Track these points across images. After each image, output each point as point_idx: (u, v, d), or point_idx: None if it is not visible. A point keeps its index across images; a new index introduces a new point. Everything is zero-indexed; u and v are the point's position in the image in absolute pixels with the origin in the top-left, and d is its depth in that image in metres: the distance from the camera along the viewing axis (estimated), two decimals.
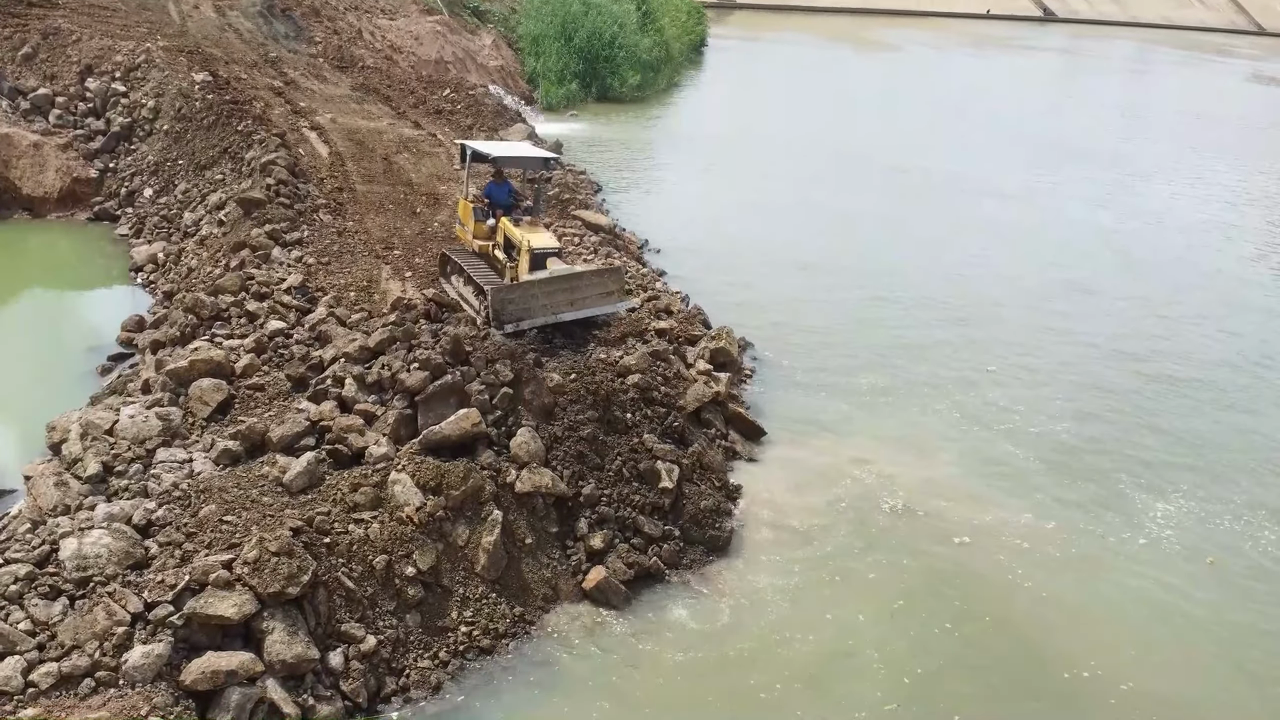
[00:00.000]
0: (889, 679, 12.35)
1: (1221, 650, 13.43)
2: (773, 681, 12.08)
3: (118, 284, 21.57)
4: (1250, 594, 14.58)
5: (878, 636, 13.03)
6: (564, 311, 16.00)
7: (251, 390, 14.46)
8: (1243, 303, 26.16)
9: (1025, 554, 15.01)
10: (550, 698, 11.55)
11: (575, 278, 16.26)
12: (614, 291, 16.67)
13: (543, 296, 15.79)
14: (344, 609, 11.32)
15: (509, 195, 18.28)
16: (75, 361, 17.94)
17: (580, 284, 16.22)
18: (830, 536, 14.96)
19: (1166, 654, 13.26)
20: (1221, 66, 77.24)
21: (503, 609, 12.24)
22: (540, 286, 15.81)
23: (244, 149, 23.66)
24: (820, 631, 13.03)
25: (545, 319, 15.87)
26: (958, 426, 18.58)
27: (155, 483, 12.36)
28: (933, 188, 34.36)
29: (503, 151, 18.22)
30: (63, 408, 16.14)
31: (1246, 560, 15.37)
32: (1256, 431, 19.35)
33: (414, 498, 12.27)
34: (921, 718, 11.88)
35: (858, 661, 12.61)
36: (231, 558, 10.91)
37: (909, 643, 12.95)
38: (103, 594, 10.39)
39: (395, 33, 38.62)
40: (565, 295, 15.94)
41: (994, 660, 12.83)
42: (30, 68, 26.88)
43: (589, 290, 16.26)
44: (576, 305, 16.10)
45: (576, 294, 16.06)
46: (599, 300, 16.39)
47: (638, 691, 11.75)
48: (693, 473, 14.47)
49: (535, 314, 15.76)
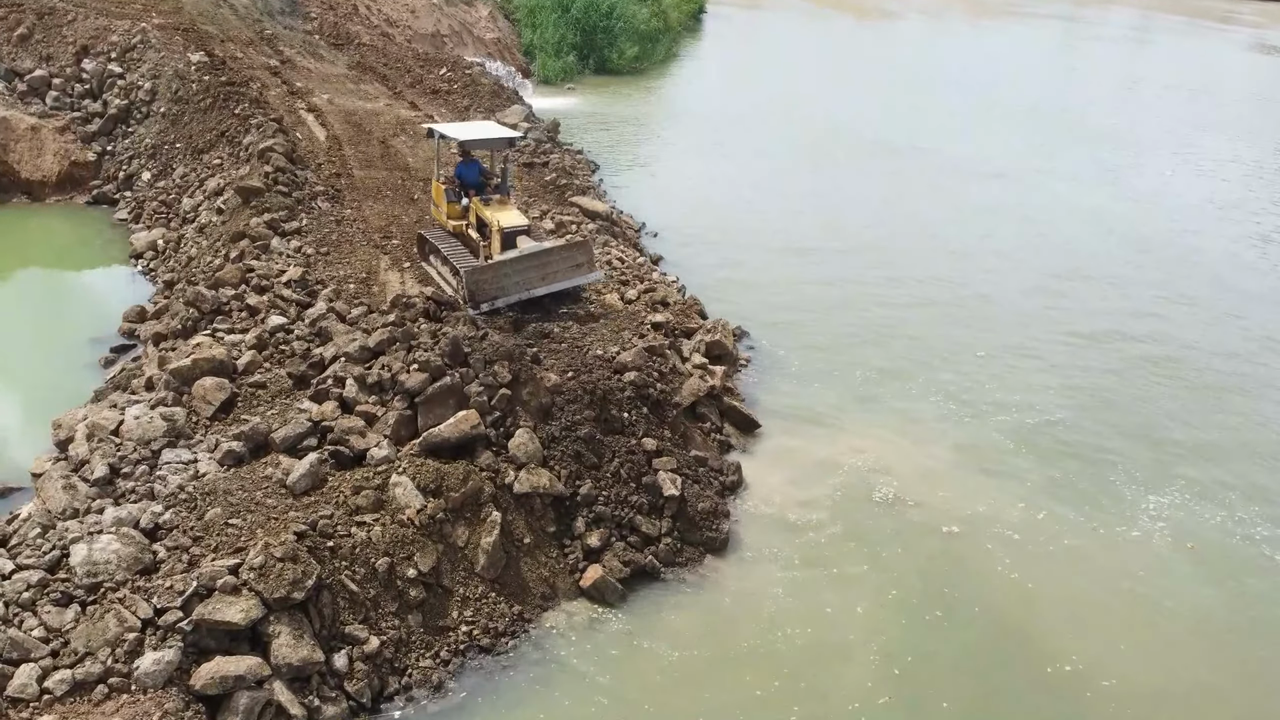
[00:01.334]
0: (881, 671, 12.68)
1: (1207, 643, 13.72)
2: (768, 676, 12.39)
3: (118, 270, 21.73)
4: (1238, 587, 14.82)
5: (872, 629, 13.34)
6: (537, 286, 16.85)
7: (254, 388, 14.69)
8: (1241, 288, 26.20)
9: (1016, 545, 15.27)
10: (549, 694, 11.89)
11: (545, 254, 17.06)
12: (583, 263, 17.46)
13: (515, 274, 16.63)
14: (347, 611, 11.64)
15: (479, 175, 19.01)
16: (78, 352, 18.12)
17: (550, 259, 17.05)
18: (823, 530, 15.24)
19: (1151, 646, 13.54)
20: (1223, 36, 76.65)
21: (502, 608, 12.57)
22: (512, 265, 16.65)
23: (241, 133, 23.69)
24: (815, 625, 13.34)
25: (519, 295, 16.69)
26: (951, 415, 18.79)
27: (161, 484, 12.62)
28: (932, 168, 34.36)
29: (467, 134, 18.97)
30: (67, 400, 16.44)
31: (1237, 554, 15.61)
32: (1254, 423, 19.51)
33: (415, 500, 12.54)
34: (912, 709, 12.25)
35: (852, 655, 12.93)
36: (238, 563, 11.19)
37: (902, 635, 13.27)
38: (113, 600, 10.69)
39: (391, 5, 38.40)
40: (537, 271, 16.80)
41: (984, 653, 13.12)
42: (26, 49, 26.81)
43: (559, 264, 17.10)
44: (548, 280, 16.96)
45: (548, 269, 16.92)
46: (569, 273, 17.23)
47: (635, 687, 12.09)
48: (691, 475, 14.72)
49: (509, 291, 16.63)
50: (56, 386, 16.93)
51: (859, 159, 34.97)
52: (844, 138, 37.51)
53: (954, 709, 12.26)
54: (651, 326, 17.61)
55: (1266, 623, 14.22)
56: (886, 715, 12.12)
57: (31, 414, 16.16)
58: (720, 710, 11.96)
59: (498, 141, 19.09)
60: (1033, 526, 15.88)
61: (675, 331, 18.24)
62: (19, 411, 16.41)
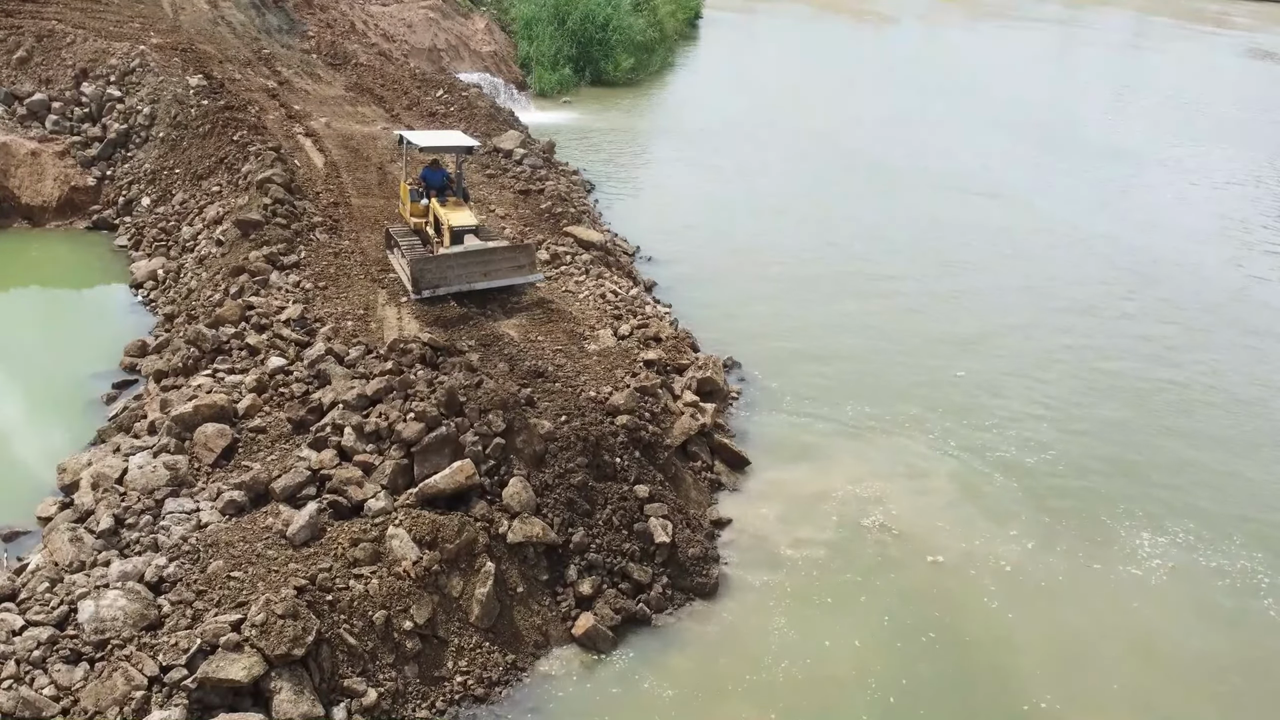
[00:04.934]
0: (873, 703, 13.15)
1: (1198, 682, 14.11)
2: (759, 714, 12.81)
3: (118, 298, 22.02)
4: (1230, 625, 15.21)
5: (863, 665, 13.79)
6: (478, 281, 18.65)
7: (254, 433, 15.05)
8: (1243, 321, 26.28)
9: (1008, 579, 15.69)
10: None
11: (489, 252, 18.87)
12: (525, 265, 19.25)
13: (458, 267, 18.53)
14: (346, 664, 12.02)
15: (443, 179, 20.87)
16: (80, 387, 18.40)
17: (493, 258, 18.84)
18: (813, 569, 15.61)
19: (1139, 685, 13.89)
20: (1216, 40, 76.93)
21: (496, 657, 12.96)
22: (456, 259, 18.57)
23: (240, 160, 23.98)
24: (803, 664, 13.75)
25: (460, 286, 18.51)
26: (944, 447, 19.10)
27: (165, 535, 12.98)
28: (928, 186, 34.64)
29: (430, 141, 20.78)
30: (69, 437, 16.83)
31: (1231, 591, 15.97)
32: (1251, 465, 19.62)
33: (410, 552, 12.92)
34: None
35: (845, 689, 13.39)
36: (240, 618, 11.56)
37: (893, 670, 13.72)
38: (120, 658, 11.06)
39: (388, 20, 38.63)
40: (479, 267, 18.65)
41: (973, 689, 13.53)
42: (25, 72, 27.06)
43: (502, 264, 18.93)
44: (490, 276, 18.76)
45: (490, 266, 18.74)
46: (510, 272, 19.03)
47: None
48: (681, 519, 15.10)
49: (451, 282, 18.47)
50: (59, 423, 17.27)
51: (853, 175, 35.29)
52: (838, 152, 37.83)
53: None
54: (644, 364, 17.97)
55: (1259, 664, 14.52)
56: None
57: (34, 452, 16.49)
58: None
59: (458, 149, 20.59)
60: (1025, 560, 16.27)
61: (667, 368, 18.59)
62: (22, 450, 16.67)
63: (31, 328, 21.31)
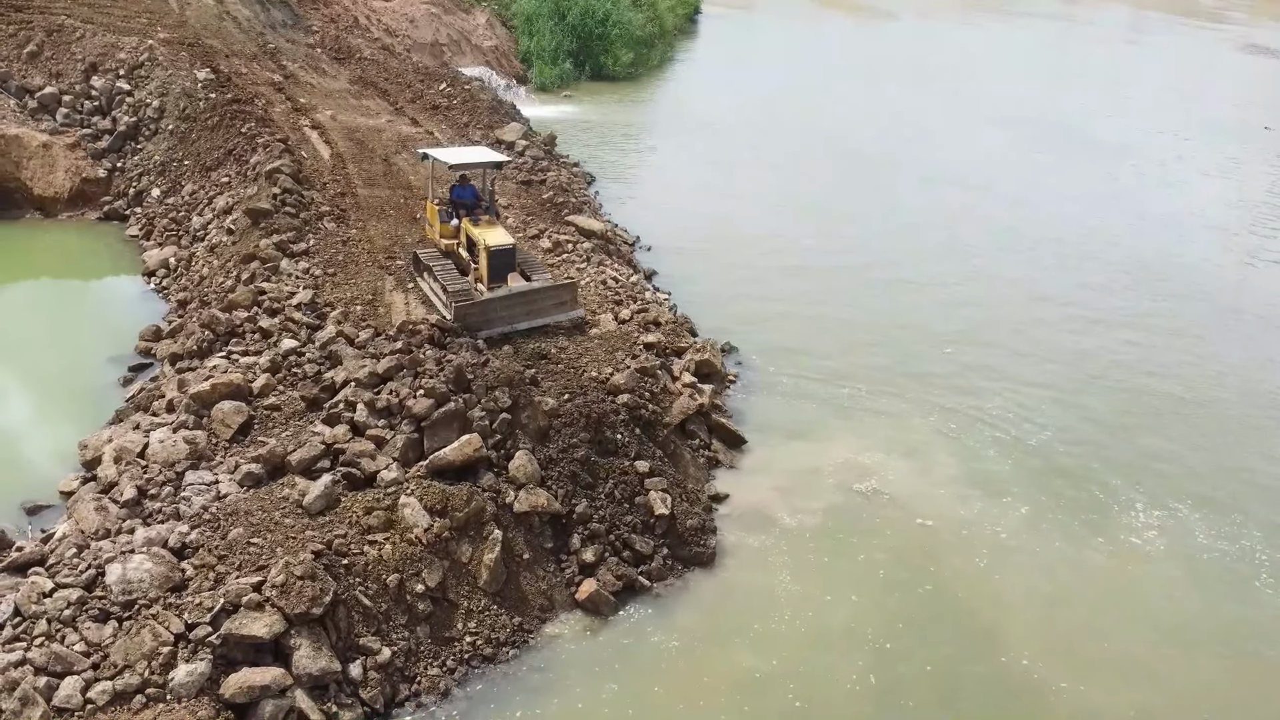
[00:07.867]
0: (868, 654, 13.88)
1: (1174, 647, 14.71)
2: (756, 677, 13.40)
3: (130, 286, 22.54)
4: (1219, 598, 15.77)
5: (857, 616, 14.52)
6: (521, 321, 18.21)
7: (269, 410, 15.64)
8: (1239, 307, 26.81)
9: (999, 546, 16.35)
10: (549, 700, 12.88)
11: (534, 293, 18.44)
12: (567, 301, 18.89)
13: (502, 309, 18.06)
14: (361, 624, 12.61)
15: (473, 196, 20.08)
16: (96, 371, 18.95)
17: (538, 298, 18.46)
18: (807, 534, 16.28)
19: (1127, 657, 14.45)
20: (1212, 35, 77.45)
21: (503, 620, 13.56)
22: (500, 301, 18.07)
23: (248, 152, 24.53)
24: (804, 615, 14.49)
25: (504, 328, 18.04)
26: (939, 428, 19.67)
27: (186, 505, 13.57)
28: (925, 178, 35.08)
29: (460, 159, 20.07)
30: (87, 418, 17.36)
31: (1225, 567, 16.51)
32: (1245, 444, 20.19)
33: (422, 520, 13.50)
34: (889, 694, 13.39)
35: (838, 639, 14.10)
36: (260, 580, 12.15)
37: (884, 620, 14.47)
38: (148, 616, 11.65)
39: (390, 15, 39.17)
40: (523, 308, 18.25)
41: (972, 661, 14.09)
42: (36, 66, 27.57)
43: (545, 302, 18.56)
44: (533, 315, 18.37)
45: (534, 306, 18.37)
46: (553, 310, 18.68)
47: (629, 691, 13.08)
48: (680, 493, 15.69)
49: (495, 324, 18.00)
50: (77, 405, 17.80)
51: (850, 166, 35.81)
52: (835, 145, 38.33)
53: (932, 707, 13.30)
54: (644, 346, 18.55)
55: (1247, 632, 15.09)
56: (871, 702, 13.22)
57: (55, 432, 17.04)
58: (709, 708, 12.95)
59: (489, 165, 20.16)
60: (1017, 527, 16.95)
61: (666, 351, 19.17)
62: (43, 430, 17.25)
63: (46, 315, 21.81)
